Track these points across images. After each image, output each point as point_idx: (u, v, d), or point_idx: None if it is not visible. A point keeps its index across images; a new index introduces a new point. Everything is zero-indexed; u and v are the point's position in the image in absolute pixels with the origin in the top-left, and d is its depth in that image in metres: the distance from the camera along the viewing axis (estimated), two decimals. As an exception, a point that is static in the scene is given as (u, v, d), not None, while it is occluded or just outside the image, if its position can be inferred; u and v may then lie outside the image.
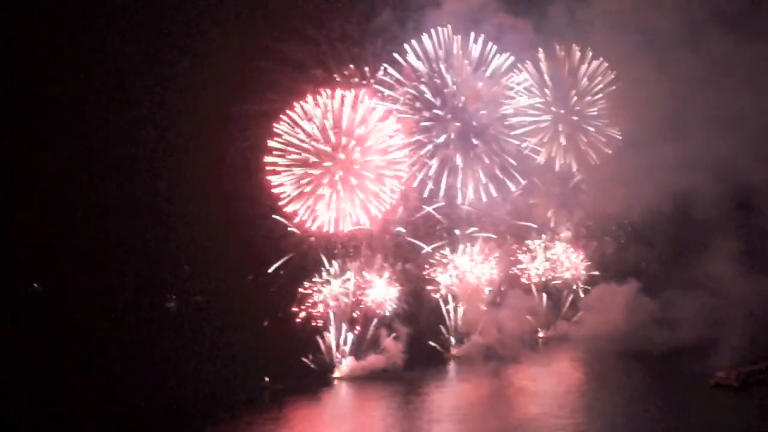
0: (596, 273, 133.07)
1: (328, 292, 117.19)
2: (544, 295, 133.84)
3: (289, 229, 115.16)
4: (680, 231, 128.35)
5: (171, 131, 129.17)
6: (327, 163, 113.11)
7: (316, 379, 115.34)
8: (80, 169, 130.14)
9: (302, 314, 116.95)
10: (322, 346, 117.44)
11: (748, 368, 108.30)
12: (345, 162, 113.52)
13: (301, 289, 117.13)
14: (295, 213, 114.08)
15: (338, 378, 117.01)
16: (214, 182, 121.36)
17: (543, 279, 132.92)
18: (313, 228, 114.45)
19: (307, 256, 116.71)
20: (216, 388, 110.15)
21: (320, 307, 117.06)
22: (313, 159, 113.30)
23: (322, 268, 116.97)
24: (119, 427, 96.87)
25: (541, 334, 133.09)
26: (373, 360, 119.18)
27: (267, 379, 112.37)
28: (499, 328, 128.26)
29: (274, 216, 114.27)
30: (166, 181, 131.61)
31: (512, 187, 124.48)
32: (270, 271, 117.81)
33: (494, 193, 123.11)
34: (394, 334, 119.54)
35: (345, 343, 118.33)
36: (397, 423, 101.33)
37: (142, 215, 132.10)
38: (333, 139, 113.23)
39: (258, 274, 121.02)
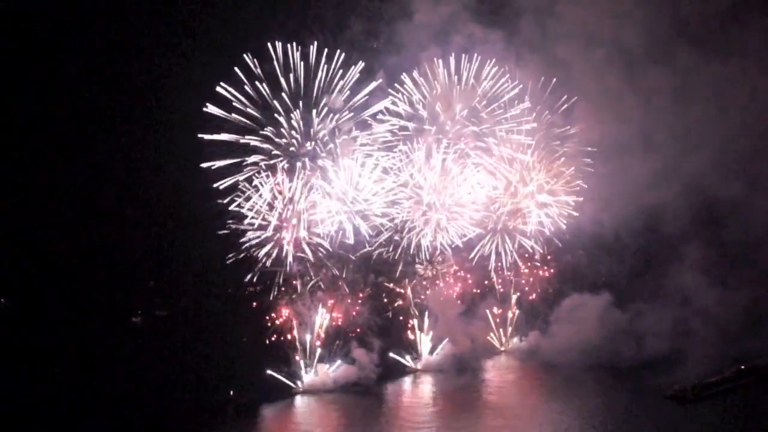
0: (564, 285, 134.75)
1: (297, 305, 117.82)
2: (516, 307, 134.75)
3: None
4: (650, 245, 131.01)
5: (140, 148, 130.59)
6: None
7: (283, 392, 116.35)
8: (46, 185, 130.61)
9: (271, 327, 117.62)
10: (290, 359, 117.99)
11: (702, 381, 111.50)
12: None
13: (270, 301, 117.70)
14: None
15: (306, 391, 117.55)
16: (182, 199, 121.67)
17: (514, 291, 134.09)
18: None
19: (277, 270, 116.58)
20: (181, 402, 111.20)
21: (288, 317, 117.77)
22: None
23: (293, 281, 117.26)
24: None
25: (502, 348, 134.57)
26: (344, 372, 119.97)
27: (232, 392, 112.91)
28: (472, 338, 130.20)
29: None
30: (132, 196, 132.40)
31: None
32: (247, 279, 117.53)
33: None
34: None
35: (314, 356, 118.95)
36: None
37: (108, 231, 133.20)
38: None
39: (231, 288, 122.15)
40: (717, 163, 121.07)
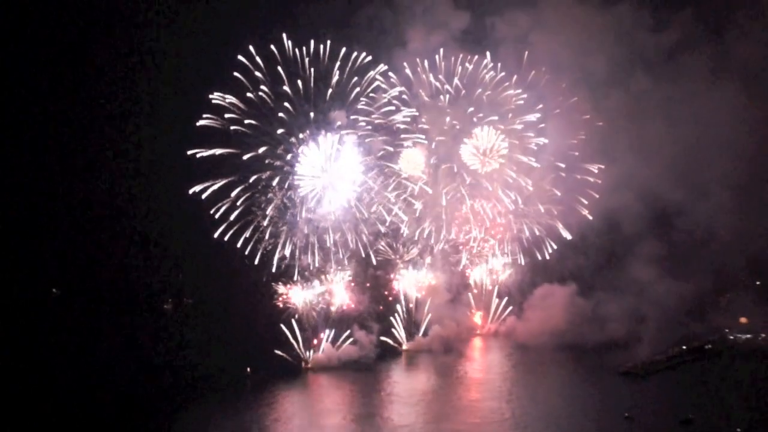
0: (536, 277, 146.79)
1: (307, 292, 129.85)
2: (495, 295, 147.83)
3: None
4: (610, 242, 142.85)
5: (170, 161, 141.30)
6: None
7: (293, 368, 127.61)
8: (95, 195, 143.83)
9: (283, 312, 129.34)
10: (300, 340, 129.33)
11: (651, 359, 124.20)
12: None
13: (281, 289, 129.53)
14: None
15: (314, 367, 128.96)
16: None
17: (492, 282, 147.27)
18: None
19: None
20: (204, 377, 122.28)
21: (299, 305, 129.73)
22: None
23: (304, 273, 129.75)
24: (125, 406, 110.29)
25: (480, 332, 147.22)
26: (347, 351, 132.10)
27: (249, 369, 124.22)
28: (457, 323, 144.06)
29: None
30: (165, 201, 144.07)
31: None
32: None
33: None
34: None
35: (321, 337, 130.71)
36: (362, 405, 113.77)
37: (145, 232, 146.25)
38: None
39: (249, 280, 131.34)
40: (667, 173, 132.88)
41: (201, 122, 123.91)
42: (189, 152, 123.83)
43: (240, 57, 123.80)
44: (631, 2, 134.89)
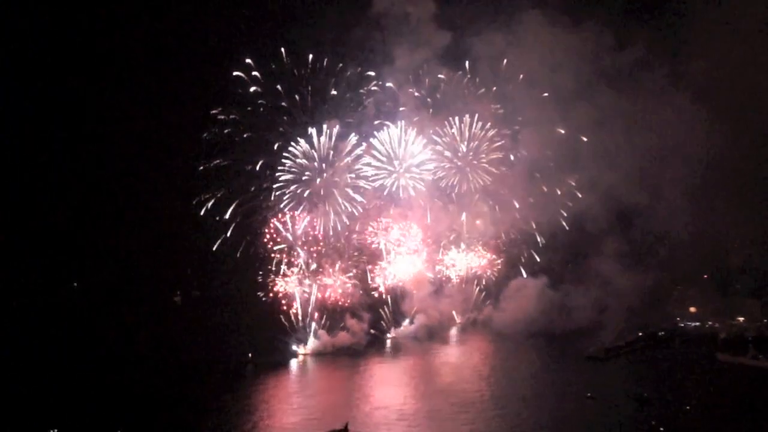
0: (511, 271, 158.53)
1: (304, 284, 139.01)
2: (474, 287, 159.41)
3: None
4: (576, 240, 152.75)
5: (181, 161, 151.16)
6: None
7: (291, 354, 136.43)
8: (114, 198, 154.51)
9: (281, 303, 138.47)
10: (297, 327, 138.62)
11: (612, 344, 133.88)
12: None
13: (280, 283, 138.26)
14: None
15: (309, 353, 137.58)
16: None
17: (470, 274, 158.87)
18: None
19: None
20: (210, 362, 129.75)
21: (296, 297, 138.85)
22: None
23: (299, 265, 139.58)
24: (139, 388, 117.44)
25: (460, 320, 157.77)
26: (340, 338, 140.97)
27: (251, 354, 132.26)
28: (440, 312, 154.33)
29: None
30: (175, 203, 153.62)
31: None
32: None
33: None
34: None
35: (316, 325, 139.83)
36: (354, 387, 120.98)
37: (157, 231, 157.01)
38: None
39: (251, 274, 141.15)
40: (628, 177, 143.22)
41: (205, 135, 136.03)
42: (195, 163, 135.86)
43: (241, 73, 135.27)
44: (594, 24, 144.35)
